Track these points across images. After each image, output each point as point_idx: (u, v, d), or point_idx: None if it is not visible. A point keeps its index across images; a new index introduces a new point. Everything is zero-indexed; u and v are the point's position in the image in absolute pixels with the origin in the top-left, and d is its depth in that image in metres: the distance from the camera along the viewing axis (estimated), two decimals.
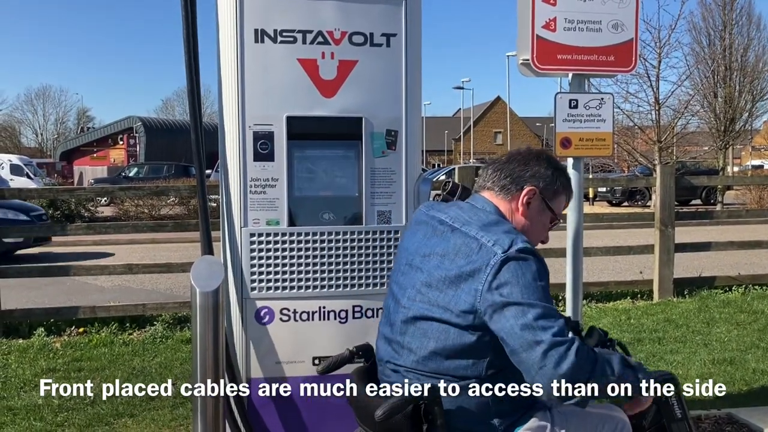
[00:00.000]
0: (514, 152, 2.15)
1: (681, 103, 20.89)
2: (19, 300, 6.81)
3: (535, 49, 3.43)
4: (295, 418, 2.74)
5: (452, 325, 1.87)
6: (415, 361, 1.94)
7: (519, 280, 1.79)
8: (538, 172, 2.07)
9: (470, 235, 1.92)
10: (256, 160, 2.70)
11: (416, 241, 2.08)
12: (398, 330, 2.00)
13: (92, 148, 44.13)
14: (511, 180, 2.06)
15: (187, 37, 2.70)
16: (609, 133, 3.57)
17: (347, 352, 2.27)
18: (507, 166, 2.09)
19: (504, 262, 1.81)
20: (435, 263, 1.95)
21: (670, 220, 7.19)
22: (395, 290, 2.08)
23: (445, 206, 2.13)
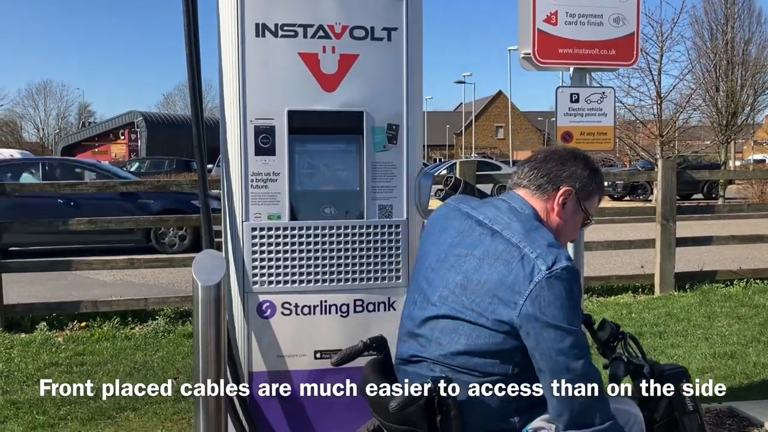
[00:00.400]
0: (550, 151, 2.12)
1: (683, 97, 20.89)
2: (21, 294, 6.82)
3: (536, 43, 3.43)
4: (297, 411, 2.75)
5: (485, 328, 1.87)
6: (443, 355, 1.93)
7: (562, 303, 1.79)
8: (575, 173, 2.05)
9: (512, 242, 1.89)
10: (257, 155, 2.71)
11: (449, 238, 2.05)
12: (427, 326, 1.99)
13: (93, 143, 44.20)
14: (548, 179, 2.04)
15: (187, 31, 2.69)
16: (610, 127, 3.57)
17: (360, 343, 2.26)
18: (544, 165, 2.06)
19: (548, 281, 1.80)
20: (473, 266, 1.92)
21: (671, 214, 7.19)
22: (423, 286, 2.05)
23: (478, 204, 2.11)
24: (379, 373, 2.10)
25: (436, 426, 1.85)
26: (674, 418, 2.21)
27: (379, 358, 2.18)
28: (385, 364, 2.17)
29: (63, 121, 66.41)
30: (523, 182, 2.08)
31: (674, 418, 2.21)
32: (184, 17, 2.69)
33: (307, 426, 2.76)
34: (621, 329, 2.37)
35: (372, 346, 2.21)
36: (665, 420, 2.21)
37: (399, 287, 2.80)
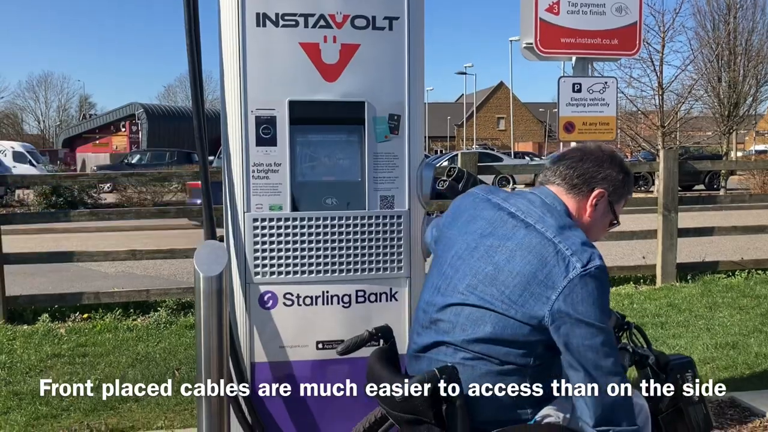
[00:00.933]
0: (587, 151, 2.09)
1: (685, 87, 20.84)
2: (23, 286, 6.84)
3: (538, 33, 3.41)
4: (300, 401, 2.75)
5: (513, 320, 1.87)
6: (466, 340, 1.92)
7: (595, 301, 1.81)
8: (610, 176, 2.05)
9: (547, 237, 1.89)
10: (258, 145, 2.70)
11: (479, 227, 2.03)
12: (451, 311, 1.97)
13: (95, 135, 44.13)
14: (583, 180, 2.04)
15: (188, 22, 2.68)
16: (612, 117, 3.56)
17: (366, 333, 2.27)
18: (581, 165, 2.05)
19: (582, 278, 1.81)
20: (504, 257, 1.92)
21: (673, 204, 7.17)
22: (449, 273, 2.03)
23: (508, 195, 2.09)
24: (385, 362, 2.10)
25: (441, 415, 1.85)
26: (679, 408, 2.21)
27: (384, 348, 2.18)
28: (390, 353, 2.17)
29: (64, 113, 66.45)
30: (557, 180, 2.07)
31: (679, 408, 2.21)
32: (185, 7, 2.67)
33: (310, 416, 2.76)
34: (626, 319, 2.37)
35: (377, 336, 2.22)
36: (670, 410, 2.21)
37: (401, 278, 2.80)
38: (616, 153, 2.15)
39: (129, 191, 17.59)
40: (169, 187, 17.73)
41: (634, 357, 2.18)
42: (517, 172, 24.24)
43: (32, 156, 28.01)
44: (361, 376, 2.16)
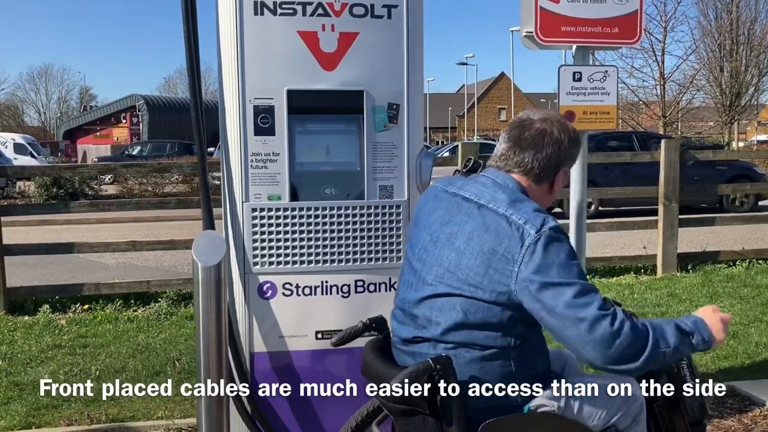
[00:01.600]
0: (540, 131, 2.02)
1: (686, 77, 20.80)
2: (24, 277, 6.84)
3: (538, 21, 3.39)
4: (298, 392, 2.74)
5: (482, 302, 1.88)
6: (442, 333, 1.93)
7: (555, 260, 1.81)
8: (564, 150, 2.03)
9: (499, 212, 1.91)
10: (256, 135, 2.68)
11: (438, 217, 2.05)
12: (425, 305, 1.99)
13: (95, 127, 44.10)
14: (547, 170, 2.02)
15: (186, 11, 2.66)
16: (613, 107, 3.53)
17: (360, 324, 2.28)
18: (541, 154, 2.01)
19: (538, 243, 1.82)
20: (464, 241, 1.94)
21: (674, 194, 7.16)
22: (417, 267, 2.05)
23: (464, 182, 2.10)
24: (379, 353, 2.10)
25: (436, 405, 1.84)
26: (675, 397, 2.21)
27: (378, 338, 2.18)
28: (385, 344, 2.17)
29: (64, 105, 66.35)
30: (519, 170, 2.03)
31: (675, 397, 2.21)
32: None
33: (309, 405, 2.76)
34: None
35: (372, 326, 2.22)
36: (665, 397, 2.21)
37: (400, 268, 2.78)
38: (557, 116, 2.11)
39: (130, 182, 17.58)
40: (170, 179, 17.70)
41: None
42: None
43: (33, 148, 28.01)
44: (360, 365, 2.16)
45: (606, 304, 1.81)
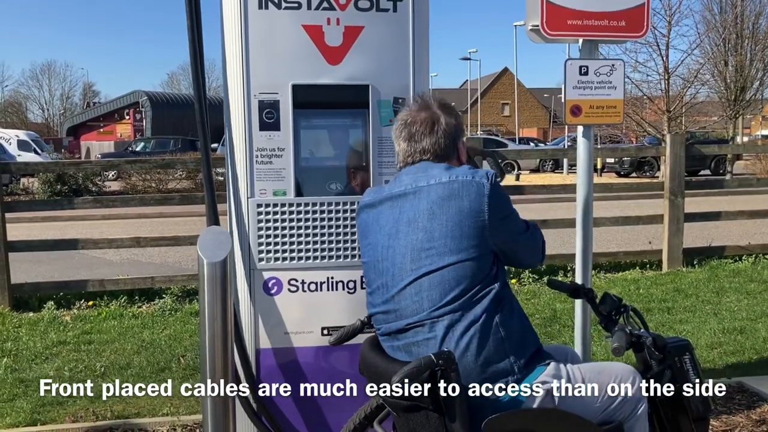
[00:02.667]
0: (427, 119, 2.18)
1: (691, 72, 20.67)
2: (28, 274, 6.84)
3: (544, 15, 3.35)
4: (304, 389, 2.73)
5: (468, 261, 1.98)
6: (434, 309, 1.97)
7: (504, 199, 2.07)
8: (455, 126, 2.20)
9: (444, 181, 2.04)
10: (262, 130, 2.67)
11: (386, 218, 2.12)
12: (411, 292, 2.01)
13: (99, 123, 44.17)
14: (447, 148, 2.17)
15: (189, 4, 2.64)
16: (620, 101, 3.50)
17: (358, 322, 2.29)
18: (438, 138, 2.16)
19: (493, 188, 2.03)
20: (426, 219, 2.02)
21: (679, 189, 7.13)
22: (386, 266, 2.08)
23: (390, 184, 2.20)
24: (378, 350, 2.10)
25: (439, 400, 1.83)
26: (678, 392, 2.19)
27: (376, 336, 2.17)
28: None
29: (68, 101, 66.39)
30: (427, 157, 2.16)
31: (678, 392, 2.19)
32: None
33: (315, 402, 2.75)
34: (623, 302, 2.35)
35: (370, 324, 2.22)
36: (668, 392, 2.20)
37: None
38: (429, 100, 2.25)
39: (133, 179, 17.59)
40: (174, 175, 17.71)
41: (631, 339, 2.16)
42: (522, 157, 24.15)
43: (37, 144, 28.03)
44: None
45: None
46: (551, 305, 5.74)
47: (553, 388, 1.96)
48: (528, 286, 6.47)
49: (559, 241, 8.23)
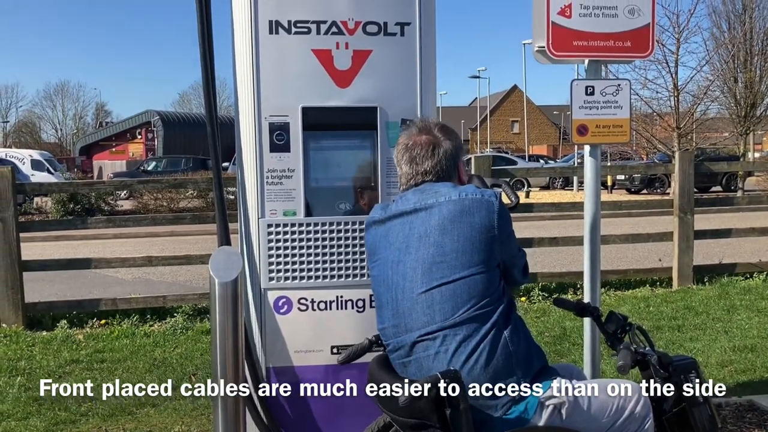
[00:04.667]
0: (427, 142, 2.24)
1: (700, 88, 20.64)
2: (42, 293, 6.91)
3: (550, 36, 3.40)
4: (314, 407, 2.76)
5: (479, 274, 2.04)
6: (449, 319, 2.02)
7: (509, 217, 2.15)
8: (454, 147, 2.26)
9: (453, 198, 2.11)
10: (272, 151, 2.72)
11: (396, 233, 2.16)
12: (422, 305, 2.05)
13: (111, 143, 44.57)
14: (448, 169, 2.24)
15: (201, 29, 2.72)
16: (626, 120, 3.54)
17: (366, 341, 2.32)
18: (438, 159, 2.22)
19: (500, 208, 2.12)
20: (438, 234, 2.07)
21: (689, 206, 7.12)
22: (397, 281, 2.12)
23: (396, 202, 2.24)
24: (386, 368, 2.12)
25: (446, 418, 1.85)
26: (684, 409, 2.20)
27: (385, 354, 2.20)
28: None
29: (80, 121, 67.08)
30: (429, 178, 2.23)
31: (684, 409, 2.20)
32: (198, 15, 2.71)
33: (325, 420, 2.77)
34: (629, 320, 2.36)
35: (378, 342, 2.25)
36: (675, 410, 2.21)
37: None
38: (429, 123, 2.33)
39: (145, 198, 17.72)
40: (185, 194, 17.84)
41: (636, 357, 2.17)
42: (531, 175, 24.15)
43: (50, 164, 28.28)
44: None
45: None
46: (561, 323, 5.74)
47: (559, 404, 1.98)
48: (537, 304, 6.47)
49: (569, 258, 8.23)
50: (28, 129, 64.46)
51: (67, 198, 15.70)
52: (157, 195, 17.46)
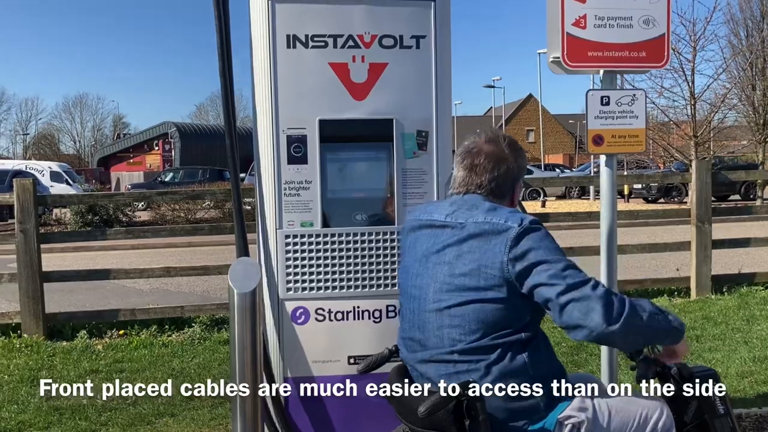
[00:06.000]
0: (490, 153, 2.15)
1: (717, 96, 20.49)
2: (62, 303, 6.99)
3: (565, 47, 3.41)
4: (332, 418, 2.78)
5: (488, 302, 1.96)
6: (460, 348, 1.98)
7: (540, 245, 1.94)
8: (519, 165, 2.18)
9: (478, 221, 2.03)
10: (290, 163, 2.76)
11: (422, 244, 2.15)
12: (433, 325, 2.04)
13: (129, 154, 45.04)
14: (504, 187, 2.16)
15: (220, 44, 2.76)
16: (642, 130, 3.54)
17: (386, 351, 2.33)
18: (495, 174, 2.14)
19: (521, 235, 1.95)
20: (453, 254, 2.03)
21: (706, 216, 7.08)
22: (414, 293, 2.12)
23: (434, 207, 2.20)
24: (405, 377, 2.13)
25: (464, 429, 1.86)
26: (705, 421, 2.19)
27: (404, 364, 2.21)
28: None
29: (98, 133, 67.93)
30: (481, 192, 2.15)
31: (705, 421, 2.19)
32: (217, 30, 2.76)
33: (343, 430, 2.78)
34: None
35: (397, 353, 2.26)
36: (695, 422, 2.19)
37: None
38: (499, 135, 2.23)
39: (163, 208, 17.90)
40: (202, 204, 17.98)
41: (656, 369, 2.16)
42: (547, 184, 24.08)
43: (69, 175, 28.64)
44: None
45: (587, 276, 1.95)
46: None
47: (578, 422, 1.97)
48: None
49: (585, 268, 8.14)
50: (47, 141, 65.38)
51: (85, 209, 15.91)
52: (175, 206, 17.63)
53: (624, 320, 1.84)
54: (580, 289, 1.87)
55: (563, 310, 1.86)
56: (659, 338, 2.04)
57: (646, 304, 1.95)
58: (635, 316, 1.88)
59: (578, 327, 1.86)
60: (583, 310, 1.84)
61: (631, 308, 1.87)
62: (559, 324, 1.89)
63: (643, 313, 1.91)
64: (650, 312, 1.93)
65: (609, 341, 1.94)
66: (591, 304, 1.84)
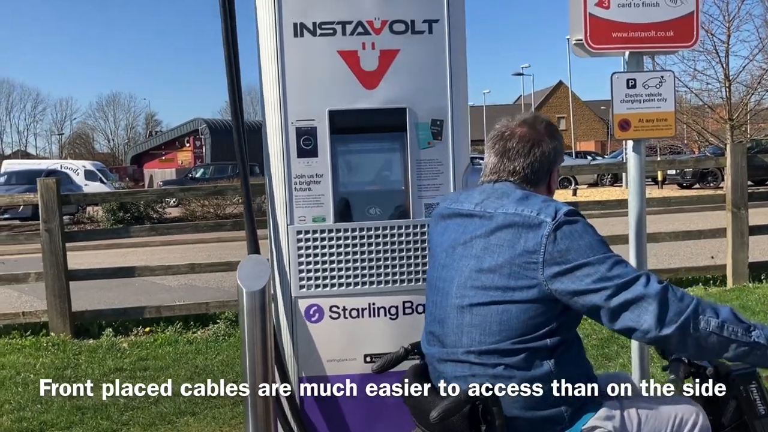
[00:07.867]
0: (524, 136, 1.99)
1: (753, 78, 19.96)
2: (90, 301, 7.03)
3: (588, 29, 3.27)
4: (347, 418, 2.69)
5: (513, 303, 1.81)
6: (478, 349, 1.85)
7: (580, 242, 1.78)
8: (555, 149, 2.02)
9: (509, 212, 1.87)
10: (299, 157, 2.67)
11: (450, 234, 2.01)
12: (453, 322, 1.92)
13: (160, 152, 45.58)
14: (539, 172, 2.00)
15: (226, 35, 2.68)
16: (671, 113, 3.37)
17: (402, 349, 2.23)
18: (530, 158, 1.98)
19: (557, 230, 1.78)
20: (480, 247, 1.88)
21: (742, 201, 6.83)
22: (440, 285, 2.00)
23: (466, 196, 2.05)
24: (421, 378, 2.03)
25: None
26: (744, 423, 2.05)
27: (421, 364, 2.11)
28: (427, 368, 2.09)
29: (131, 131, 68.92)
30: (514, 178, 1.99)
31: (744, 423, 2.05)
32: (222, 21, 2.69)
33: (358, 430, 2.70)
34: None
35: (414, 351, 2.17)
36: (734, 424, 2.05)
37: None
38: (533, 118, 2.08)
39: (192, 205, 18.02)
40: (231, 200, 18.06)
41: (690, 368, 2.02)
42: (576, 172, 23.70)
43: (102, 174, 29.06)
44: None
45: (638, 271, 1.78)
46: None
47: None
48: None
49: None
50: (81, 140, 66.57)
51: (117, 206, 16.14)
52: (204, 202, 17.74)
53: (681, 324, 1.68)
54: (631, 288, 1.71)
55: (615, 315, 1.72)
56: (734, 353, 1.74)
57: (723, 309, 1.74)
58: (696, 320, 1.69)
59: (632, 330, 1.72)
60: (636, 311, 1.71)
61: (693, 311, 1.69)
62: (612, 329, 1.75)
63: (711, 318, 1.70)
64: (724, 319, 1.71)
65: (666, 347, 1.80)
66: (644, 303, 1.69)
